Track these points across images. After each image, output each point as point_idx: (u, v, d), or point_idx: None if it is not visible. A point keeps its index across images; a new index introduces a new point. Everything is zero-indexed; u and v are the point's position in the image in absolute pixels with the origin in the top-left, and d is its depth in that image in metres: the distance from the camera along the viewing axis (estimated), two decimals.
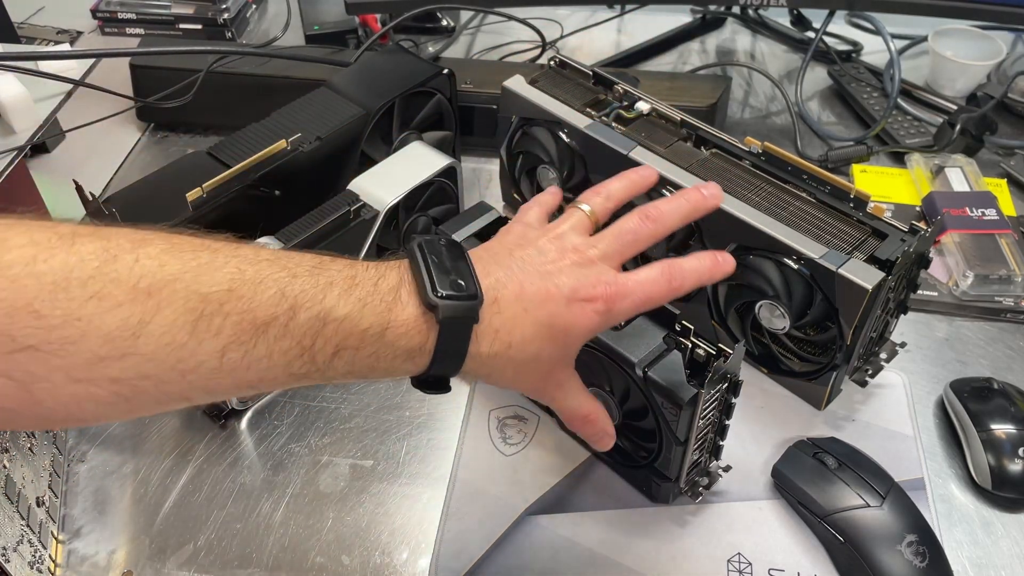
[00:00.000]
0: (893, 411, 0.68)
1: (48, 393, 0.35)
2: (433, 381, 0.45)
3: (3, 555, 0.53)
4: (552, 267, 0.47)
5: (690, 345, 0.55)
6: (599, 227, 0.50)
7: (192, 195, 0.65)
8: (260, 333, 0.38)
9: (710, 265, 0.50)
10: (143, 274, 0.36)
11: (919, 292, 0.70)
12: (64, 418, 0.37)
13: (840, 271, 0.59)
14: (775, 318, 0.64)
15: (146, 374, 0.36)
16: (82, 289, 0.35)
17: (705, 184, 0.52)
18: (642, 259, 0.74)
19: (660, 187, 0.67)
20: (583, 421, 0.51)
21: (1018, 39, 1.04)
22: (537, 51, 1.06)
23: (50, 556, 0.58)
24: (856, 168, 0.90)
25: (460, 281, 0.43)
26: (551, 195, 0.55)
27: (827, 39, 1.08)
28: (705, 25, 1.14)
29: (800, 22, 1.05)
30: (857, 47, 1.07)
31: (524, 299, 0.45)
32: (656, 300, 0.48)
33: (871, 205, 0.62)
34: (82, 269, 0.35)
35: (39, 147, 0.94)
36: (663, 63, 1.09)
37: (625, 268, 0.49)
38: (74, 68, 0.82)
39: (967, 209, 0.80)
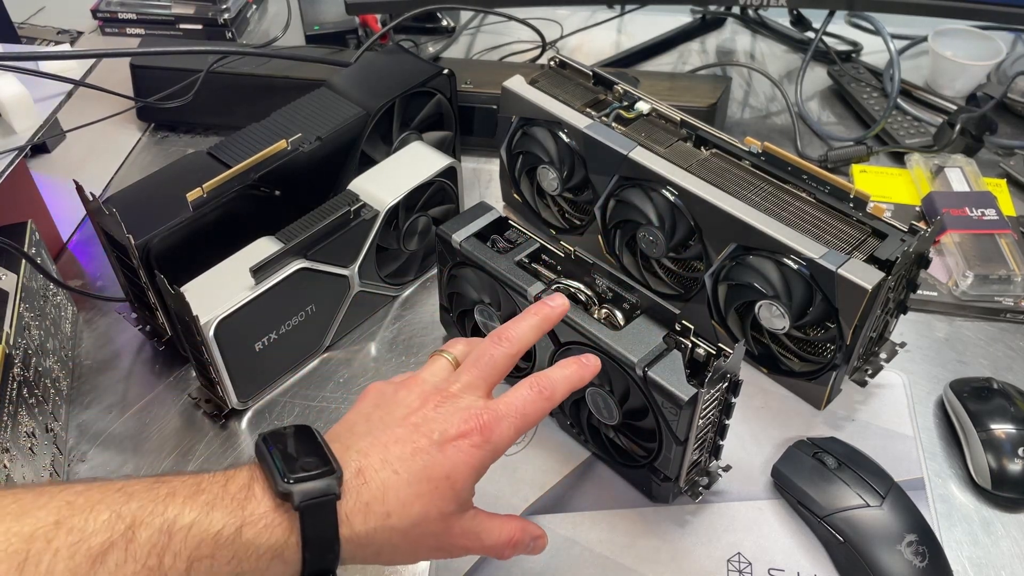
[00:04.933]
0: (893, 411, 0.68)
1: None
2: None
3: None
4: (416, 417, 0.44)
5: (690, 345, 0.55)
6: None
7: (192, 195, 0.65)
8: (98, 564, 0.35)
9: (577, 369, 0.49)
10: None
11: (919, 292, 0.70)
12: None
13: (840, 271, 0.59)
14: (775, 318, 0.64)
15: None
16: None
17: (551, 296, 0.52)
18: (642, 259, 0.74)
19: (660, 187, 0.68)
20: (511, 547, 0.47)
21: (1018, 39, 1.04)
22: (537, 51, 1.06)
23: None
24: (856, 168, 0.90)
25: (310, 460, 0.41)
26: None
27: (827, 39, 1.08)
28: (705, 25, 1.14)
29: (800, 22, 1.05)
30: (857, 47, 1.07)
31: (392, 461, 0.42)
32: (534, 416, 0.46)
33: (871, 205, 0.62)
34: None
35: (39, 147, 0.94)
36: (663, 63, 1.09)
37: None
38: (74, 68, 0.82)
39: (967, 209, 0.80)
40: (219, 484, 0.40)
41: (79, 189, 0.65)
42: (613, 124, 0.72)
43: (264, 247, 0.65)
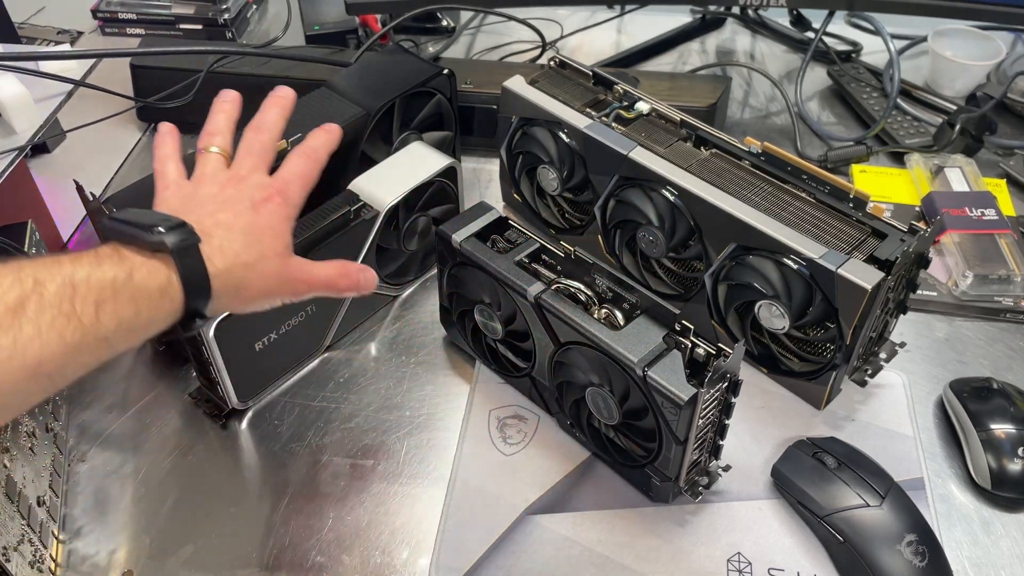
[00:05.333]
0: (893, 411, 0.68)
1: None
2: (194, 315, 0.49)
3: (4, 554, 0.53)
4: (223, 196, 0.53)
5: (690, 345, 0.55)
6: (231, 156, 0.58)
7: None
8: (19, 314, 0.41)
9: (326, 134, 0.61)
10: None
11: (919, 292, 0.70)
12: None
13: (839, 271, 0.59)
14: (775, 318, 0.64)
15: None
16: None
17: (278, 87, 0.61)
18: (642, 259, 0.74)
19: (660, 187, 0.68)
20: (343, 277, 0.57)
21: (1018, 39, 1.04)
22: (537, 51, 1.06)
23: (51, 556, 0.58)
24: (856, 168, 0.90)
25: (160, 219, 0.48)
26: (170, 136, 0.60)
27: (827, 39, 1.08)
28: (705, 25, 1.14)
29: (800, 22, 1.05)
30: (857, 47, 1.07)
31: (223, 222, 0.51)
32: (311, 175, 0.58)
33: (871, 205, 0.62)
34: None
35: (40, 147, 0.94)
36: (663, 63, 1.09)
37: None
38: (74, 68, 0.82)
39: (966, 209, 0.80)
40: (91, 253, 0.46)
41: (79, 189, 0.65)
42: (613, 124, 0.72)
43: None
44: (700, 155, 0.69)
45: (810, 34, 1.06)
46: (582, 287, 0.60)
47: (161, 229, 0.47)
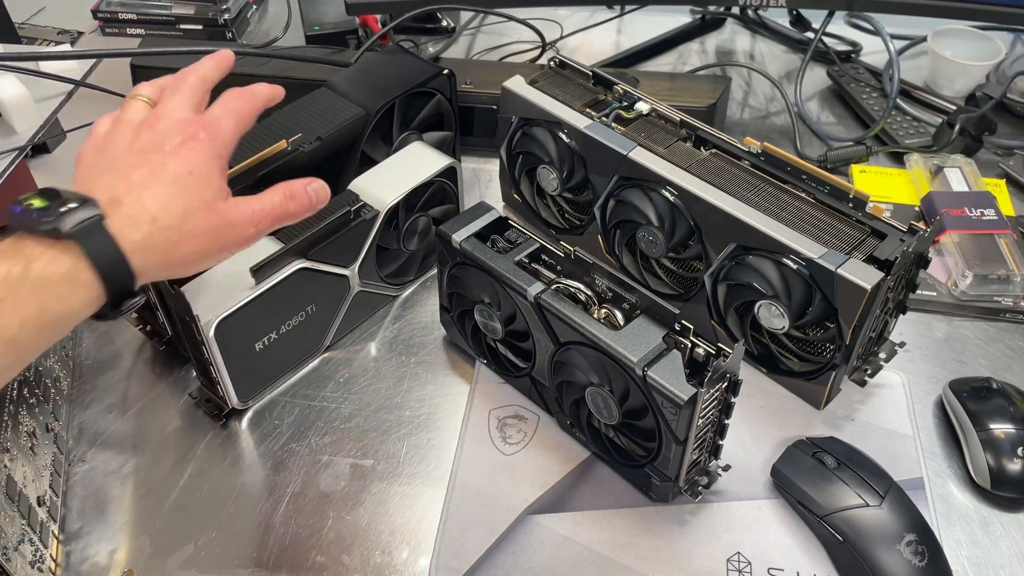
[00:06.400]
0: (892, 411, 0.68)
1: None
2: (122, 296, 0.45)
3: (3, 554, 0.53)
4: (139, 144, 0.48)
5: (689, 344, 0.55)
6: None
7: None
8: None
9: (270, 87, 0.56)
10: None
11: (918, 292, 0.70)
12: None
13: (839, 271, 0.59)
14: (774, 318, 0.64)
15: None
16: None
17: (219, 54, 0.57)
18: (642, 259, 0.74)
19: (660, 187, 0.68)
20: (291, 199, 0.53)
21: (1017, 39, 1.04)
22: (537, 51, 1.06)
23: (51, 555, 0.58)
24: (855, 168, 0.90)
25: (63, 201, 0.44)
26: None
27: (826, 39, 1.08)
28: (705, 25, 1.14)
29: (799, 22, 1.05)
30: (856, 47, 1.07)
31: (138, 182, 0.46)
32: (247, 112, 0.53)
33: (870, 205, 0.63)
34: None
35: (40, 147, 0.94)
36: (663, 63, 1.09)
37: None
38: (75, 68, 0.82)
39: (966, 209, 0.80)
40: None
41: None
42: (613, 124, 0.72)
43: (264, 247, 0.65)
44: (700, 155, 0.69)
45: (810, 34, 1.06)
46: (582, 287, 0.60)
47: (50, 217, 0.43)
